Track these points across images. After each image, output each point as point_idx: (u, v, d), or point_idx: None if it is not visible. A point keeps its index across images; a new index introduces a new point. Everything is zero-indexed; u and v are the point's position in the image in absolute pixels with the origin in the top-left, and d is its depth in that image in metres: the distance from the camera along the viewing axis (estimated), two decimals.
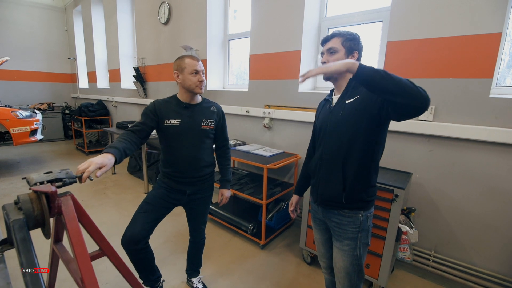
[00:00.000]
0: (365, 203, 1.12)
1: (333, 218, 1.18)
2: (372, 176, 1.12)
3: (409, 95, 0.83)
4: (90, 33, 5.92)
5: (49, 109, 6.47)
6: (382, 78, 0.84)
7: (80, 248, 0.83)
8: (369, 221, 1.15)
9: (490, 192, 1.67)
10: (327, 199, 1.17)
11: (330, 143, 1.15)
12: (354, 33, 1.13)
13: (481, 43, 1.59)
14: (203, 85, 1.45)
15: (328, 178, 1.15)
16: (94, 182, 3.86)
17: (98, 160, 0.98)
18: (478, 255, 1.75)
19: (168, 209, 1.54)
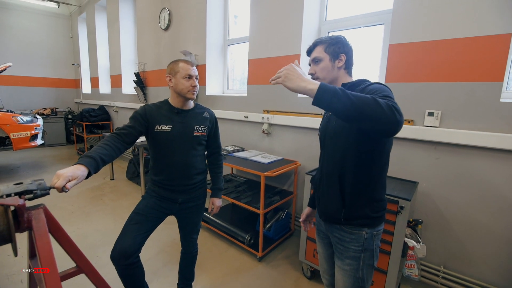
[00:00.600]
0: (370, 219, 1.02)
1: (335, 233, 1.10)
2: (376, 190, 1.02)
3: (369, 118, 0.74)
4: (93, 39, 5.97)
5: (52, 114, 6.50)
6: (340, 102, 0.75)
7: (50, 267, 0.75)
8: (375, 240, 1.04)
9: (503, 203, 1.55)
10: (328, 215, 1.10)
11: (327, 155, 1.09)
12: (337, 36, 1.08)
13: (489, 45, 1.50)
14: (195, 91, 1.39)
15: (328, 193, 1.08)
16: (92, 188, 3.81)
17: (69, 173, 0.91)
18: (491, 271, 1.62)
19: (159, 219, 1.45)
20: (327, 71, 1.05)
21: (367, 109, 0.73)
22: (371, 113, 0.73)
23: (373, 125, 0.76)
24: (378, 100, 0.74)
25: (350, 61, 1.08)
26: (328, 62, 1.05)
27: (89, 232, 2.58)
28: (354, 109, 0.74)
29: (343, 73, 1.08)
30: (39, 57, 6.73)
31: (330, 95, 0.76)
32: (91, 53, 6.29)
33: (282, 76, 0.84)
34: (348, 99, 0.74)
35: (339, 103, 0.75)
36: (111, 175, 4.25)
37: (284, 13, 2.43)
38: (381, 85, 0.94)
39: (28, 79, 6.63)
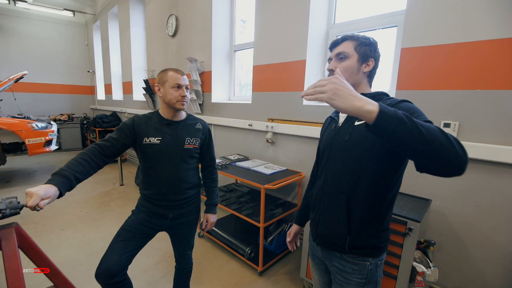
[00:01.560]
0: (375, 249, 0.92)
1: (334, 261, 0.99)
2: (385, 218, 0.91)
3: (440, 158, 0.60)
4: (107, 47, 6.14)
5: (69, 120, 6.73)
6: (408, 133, 0.60)
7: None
8: (379, 271, 0.95)
9: None
10: (328, 241, 0.98)
11: (333, 173, 0.95)
12: (370, 37, 0.94)
13: None
14: (185, 101, 1.33)
15: (330, 215, 0.95)
16: (101, 194, 3.86)
17: (41, 192, 0.86)
18: None
19: (149, 236, 1.40)
20: (351, 72, 0.91)
21: (438, 145, 0.58)
22: (442, 151, 0.58)
23: (441, 166, 0.61)
24: (447, 134, 0.60)
25: (375, 70, 0.96)
26: (355, 63, 0.91)
27: (93, 239, 2.58)
28: (424, 143, 0.59)
29: (365, 81, 0.95)
30: (57, 64, 7.01)
31: (395, 122, 0.59)
32: (105, 60, 6.47)
33: (327, 91, 0.63)
34: (417, 129, 0.59)
35: (406, 134, 0.59)
36: (121, 181, 4.30)
37: (289, 17, 2.35)
38: (412, 104, 0.81)
39: (46, 86, 6.92)
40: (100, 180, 4.44)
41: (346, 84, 0.64)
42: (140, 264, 2.18)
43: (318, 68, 2.38)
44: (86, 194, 3.81)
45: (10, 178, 4.48)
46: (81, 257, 2.27)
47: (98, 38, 6.84)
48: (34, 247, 0.91)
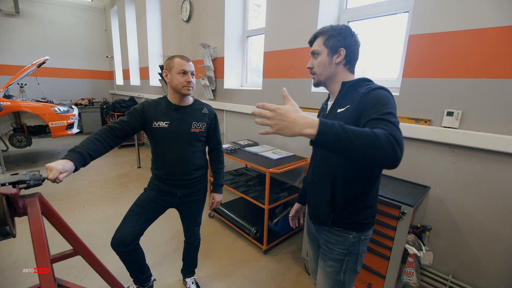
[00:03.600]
0: (359, 225, 0.99)
1: (323, 234, 1.08)
2: (368, 197, 0.98)
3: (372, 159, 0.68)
4: (124, 32, 6.27)
5: (89, 104, 7.02)
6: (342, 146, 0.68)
7: (40, 248, 0.84)
8: (362, 245, 1.01)
9: None
10: (317, 218, 1.09)
11: (320, 158, 1.05)
12: (341, 27, 0.97)
13: None
14: (191, 86, 1.40)
15: (318, 196, 1.05)
16: (120, 175, 4.10)
17: (59, 166, 0.98)
18: (503, 285, 1.49)
19: (159, 211, 1.53)
20: (324, 66, 0.98)
21: (368, 151, 0.67)
22: (372, 155, 0.68)
23: (372, 164, 0.74)
24: (380, 138, 0.67)
25: (351, 56, 0.98)
26: (325, 57, 0.97)
27: (112, 216, 2.80)
28: (355, 152, 0.68)
29: (342, 70, 0.99)
30: (77, 50, 7.25)
31: (330, 140, 0.68)
32: (123, 45, 6.63)
33: (272, 126, 0.71)
34: (350, 142, 0.67)
35: (340, 147, 0.68)
36: (138, 164, 4.52)
37: (300, 2, 2.34)
38: (386, 92, 0.86)
39: (67, 71, 7.21)
40: (119, 162, 4.70)
41: (286, 112, 0.69)
42: (154, 240, 2.36)
43: None
44: (106, 175, 4.06)
45: (36, 158, 4.82)
46: (101, 232, 2.48)
47: (116, 23, 6.99)
48: (55, 214, 1.03)
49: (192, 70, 1.40)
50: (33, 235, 0.87)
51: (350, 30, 0.97)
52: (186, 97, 1.47)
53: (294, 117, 0.69)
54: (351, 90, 0.95)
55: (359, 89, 0.91)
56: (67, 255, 1.06)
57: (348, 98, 0.94)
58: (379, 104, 0.81)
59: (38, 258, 0.85)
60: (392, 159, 0.67)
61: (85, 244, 1.11)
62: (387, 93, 0.86)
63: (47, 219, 0.99)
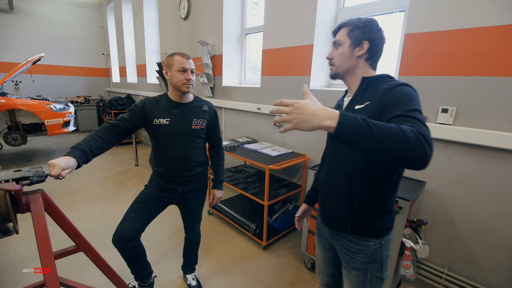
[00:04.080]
0: (379, 231, 0.94)
1: (340, 241, 1.02)
2: (389, 201, 0.93)
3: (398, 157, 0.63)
4: (120, 29, 6.22)
5: (85, 102, 6.97)
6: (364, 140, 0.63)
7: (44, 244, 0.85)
8: (384, 250, 0.96)
9: None
10: (333, 222, 1.02)
11: (336, 156, 0.98)
12: (368, 20, 0.92)
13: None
14: (190, 84, 1.41)
15: (334, 198, 0.99)
16: (118, 173, 4.09)
17: (62, 163, 0.99)
18: (497, 279, 1.53)
19: (160, 208, 1.54)
20: (344, 58, 0.93)
21: (393, 146, 0.61)
22: (399, 151, 0.62)
23: (398, 163, 0.66)
24: (407, 133, 0.62)
25: (375, 51, 0.93)
26: (347, 48, 0.92)
27: (110, 214, 2.81)
28: (379, 147, 0.62)
29: (363, 64, 0.94)
30: (72, 47, 7.17)
31: (352, 133, 0.63)
32: (119, 42, 6.58)
33: (291, 121, 0.67)
34: (373, 135, 0.62)
35: (362, 141, 0.63)
36: (136, 161, 4.52)
37: (298, 0, 2.35)
38: (410, 88, 0.82)
39: (63, 68, 7.13)
40: (116, 160, 4.68)
41: (304, 106, 0.67)
42: (154, 237, 2.37)
43: (325, 53, 2.38)
44: (103, 173, 4.05)
45: (31, 157, 4.78)
46: (100, 230, 2.48)
47: (112, 20, 6.92)
48: (57, 210, 1.05)
49: (192, 68, 1.41)
50: (36, 232, 0.88)
51: (377, 24, 0.93)
52: (186, 95, 1.48)
53: (313, 109, 0.66)
54: (371, 86, 0.90)
55: (381, 85, 0.86)
56: (70, 252, 1.07)
57: (368, 95, 0.89)
58: (403, 101, 0.76)
59: (42, 254, 0.86)
60: (421, 157, 0.62)
61: (87, 241, 1.12)
62: (411, 89, 0.82)
63: (50, 215, 1.00)
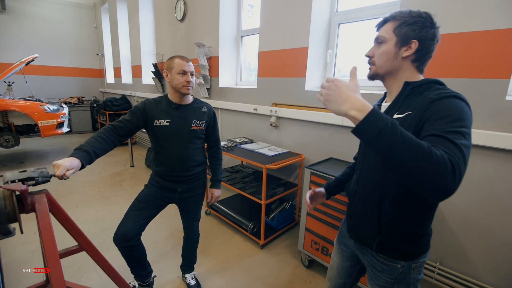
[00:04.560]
0: (409, 254, 0.85)
1: (366, 256, 0.96)
2: (424, 224, 0.84)
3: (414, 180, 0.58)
4: (115, 30, 6.19)
5: (79, 103, 6.91)
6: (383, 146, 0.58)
7: (49, 244, 0.86)
8: (414, 273, 0.87)
9: (502, 204, 1.49)
10: (358, 236, 0.96)
11: (367, 167, 0.90)
12: (419, 13, 0.79)
13: (497, 40, 1.41)
14: (190, 86, 1.44)
15: (362, 211, 0.92)
16: (113, 174, 4.06)
17: (66, 163, 1.01)
18: (486, 270, 1.59)
19: (160, 207, 1.56)
20: (387, 58, 0.81)
21: (411, 165, 0.55)
22: (414, 172, 0.56)
23: (410, 185, 0.59)
24: (433, 157, 0.55)
25: (424, 52, 0.80)
26: (392, 47, 0.80)
27: (107, 215, 2.79)
28: (396, 159, 0.57)
29: (408, 66, 0.82)
30: (66, 47, 7.10)
31: (373, 134, 0.59)
32: (114, 43, 6.54)
33: (323, 96, 0.66)
34: (393, 144, 0.57)
35: (380, 147, 0.59)
36: (131, 163, 4.49)
37: (294, 4, 2.39)
38: (461, 102, 0.69)
39: (56, 69, 7.05)
40: (111, 161, 4.65)
41: (341, 87, 0.64)
42: (152, 238, 2.38)
43: (320, 55, 2.44)
44: (98, 175, 4.02)
45: (24, 159, 4.72)
46: (96, 231, 2.47)
47: (107, 20, 6.89)
48: (61, 211, 1.05)
49: (191, 70, 1.44)
50: (41, 232, 0.89)
51: (431, 20, 0.79)
52: (186, 96, 1.50)
53: (348, 95, 0.62)
54: (414, 93, 0.79)
55: (426, 93, 0.75)
56: (72, 251, 1.08)
57: (409, 103, 0.78)
58: (449, 118, 0.65)
59: (48, 254, 0.87)
60: (439, 188, 0.55)
61: (89, 240, 1.13)
62: (464, 104, 0.69)
63: (54, 215, 1.00)
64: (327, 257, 1.86)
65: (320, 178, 1.83)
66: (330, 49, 2.40)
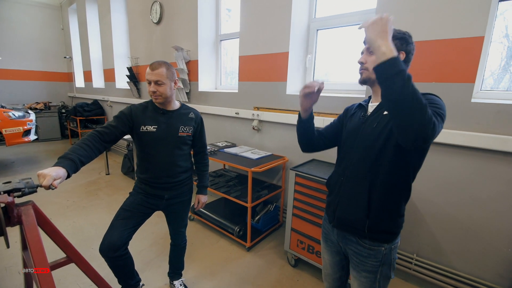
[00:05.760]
0: (390, 235, 0.99)
1: (350, 245, 1.06)
2: (402, 204, 0.98)
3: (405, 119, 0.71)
4: (85, 32, 5.91)
5: (45, 109, 6.47)
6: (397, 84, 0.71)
7: (39, 257, 0.83)
8: (393, 254, 1.01)
9: (470, 197, 1.66)
10: (346, 224, 1.04)
11: (357, 158, 1.00)
12: (403, 31, 0.97)
13: (464, 47, 1.57)
14: (156, 96, 1.39)
15: (350, 199, 1.02)
16: (87, 183, 3.87)
17: (53, 173, 0.96)
18: (458, 258, 1.75)
19: (146, 215, 1.53)
20: None
21: (412, 107, 0.70)
22: (412, 113, 0.70)
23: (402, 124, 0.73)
24: (427, 110, 0.71)
25: (408, 63, 0.98)
26: None
27: (84, 226, 2.66)
28: (402, 99, 0.70)
29: None
30: (30, 49, 6.64)
31: (394, 71, 0.72)
32: (83, 46, 6.23)
33: (370, 21, 0.78)
34: (405, 85, 0.70)
35: (395, 85, 0.71)
36: (106, 170, 4.31)
37: (274, 10, 2.46)
38: (438, 97, 0.90)
39: (19, 73, 6.57)
40: (85, 169, 4.40)
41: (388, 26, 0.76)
42: (135, 247, 2.30)
43: (300, 60, 2.53)
44: (72, 184, 3.81)
45: None
46: (74, 243, 2.26)
47: (75, 22, 6.55)
48: (49, 222, 1.02)
49: (155, 79, 1.37)
50: (30, 245, 0.85)
51: (411, 38, 0.97)
52: (171, 102, 1.49)
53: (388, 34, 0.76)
54: None
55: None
56: (61, 263, 1.04)
57: None
58: (435, 105, 0.85)
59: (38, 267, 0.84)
60: (426, 132, 0.71)
61: (78, 252, 1.10)
62: (439, 99, 0.90)
63: (41, 227, 0.96)
64: (313, 255, 1.93)
65: (305, 179, 1.90)
66: (310, 54, 2.50)
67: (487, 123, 1.55)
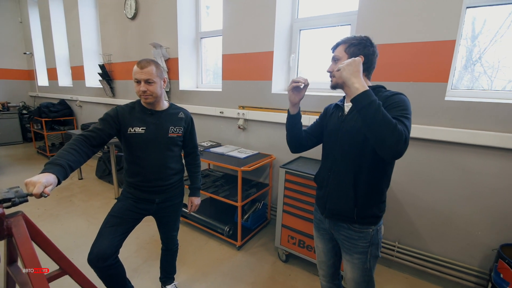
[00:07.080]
0: (376, 218, 1.10)
1: (341, 231, 1.15)
2: (383, 191, 1.10)
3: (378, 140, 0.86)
4: (48, 26, 5.46)
5: (3, 109, 5.92)
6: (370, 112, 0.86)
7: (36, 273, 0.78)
8: (379, 234, 1.13)
9: (440, 186, 1.82)
10: (337, 214, 1.14)
11: (341, 154, 1.11)
12: (362, 37, 1.07)
13: (437, 49, 1.70)
14: (146, 96, 1.34)
15: (339, 192, 1.12)
16: (59, 189, 3.61)
17: (43, 180, 0.90)
18: (435, 244, 1.91)
19: (137, 221, 1.47)
20: None
21: (384, 128, 0.84)
22: (385, 134, 0.84)
23: (380, 144, 0.86)
24: (397, 127, 0.84)
25: (369, 64, 1.08)
26: None
27: (61, 235, 2.49)
28: (376, 124, 0.85)
29: None
30: None
31: (366, 102, 0.87)
32: (46, 41, 5.76)
33: (345, 64, 0.93)
34: (377, 112, 0.85)
35: (368, 114, 0.86)
36: (79, 175, 4.05)
37: (257, 9, 2.46)
38: (405, 97, 1.00)
39: None
40: None
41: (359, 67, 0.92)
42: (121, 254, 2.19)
43: (284, 59, 2.57)
44: None
45: None
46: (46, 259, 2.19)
47: (36, 15, 6.01)
48: (41, 233, 0.95)
49: (145, 78, 1.31)
50: (24, 258, 0.79)
51: (370, 41, 1.08)
52: (159, 102, 1.43)
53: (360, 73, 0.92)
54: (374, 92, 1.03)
55: (380, 94, 1.03)
56: (56, 276, 0.98)
57: None
58: (401, 107, 0.95)
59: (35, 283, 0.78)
60: (399, 147, 0.84)
61: (73, 263, 1.04)
62: (406, 98, 1.00)
63: (33, 239, 0.90)
64: (304, 249, 1.99)
65: (294, 176, 1.95)
66: (293, 53, 2.54)
67: (460, 119, 1.70)
